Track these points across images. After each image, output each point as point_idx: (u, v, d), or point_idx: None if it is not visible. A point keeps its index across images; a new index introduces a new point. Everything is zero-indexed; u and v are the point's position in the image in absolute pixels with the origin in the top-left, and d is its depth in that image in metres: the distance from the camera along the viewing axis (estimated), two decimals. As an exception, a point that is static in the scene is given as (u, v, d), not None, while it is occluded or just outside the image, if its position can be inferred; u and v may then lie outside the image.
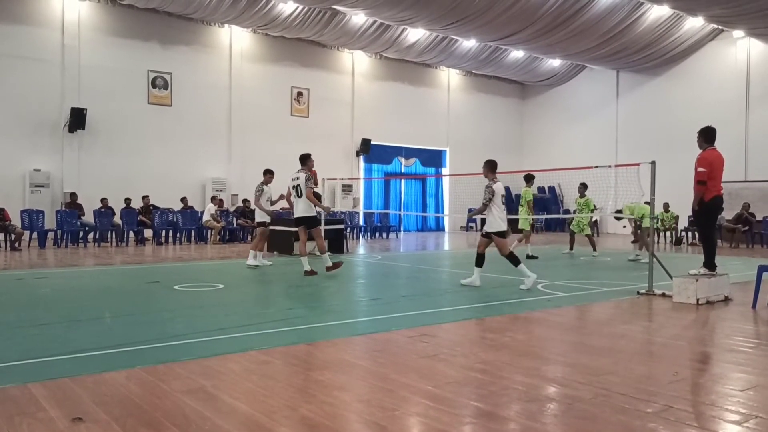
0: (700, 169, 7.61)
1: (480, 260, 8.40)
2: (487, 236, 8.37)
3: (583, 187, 13.92)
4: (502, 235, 8.34)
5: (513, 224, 14.49)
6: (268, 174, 11.47)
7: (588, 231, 14.16)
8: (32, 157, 17.04)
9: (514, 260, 8.22)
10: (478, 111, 27.32)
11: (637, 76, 24.19)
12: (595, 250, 13.84)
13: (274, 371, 4.17)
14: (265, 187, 11.25)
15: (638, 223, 12.64)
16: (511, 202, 27.46)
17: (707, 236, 8.00)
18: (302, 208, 9.52)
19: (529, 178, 13.56)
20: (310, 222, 9.62)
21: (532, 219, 13.98)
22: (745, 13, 17.79)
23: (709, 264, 7.80)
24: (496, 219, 8.26)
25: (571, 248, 14.26)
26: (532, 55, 23.94)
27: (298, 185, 9.37)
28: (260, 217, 11.37)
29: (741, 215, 17.86)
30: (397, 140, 24.69)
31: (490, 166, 8.57)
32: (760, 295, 6.94)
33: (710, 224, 7.99)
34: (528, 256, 12.75)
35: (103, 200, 16.72)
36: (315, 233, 9.73)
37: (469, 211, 14.40)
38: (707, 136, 7.79)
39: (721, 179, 7.75)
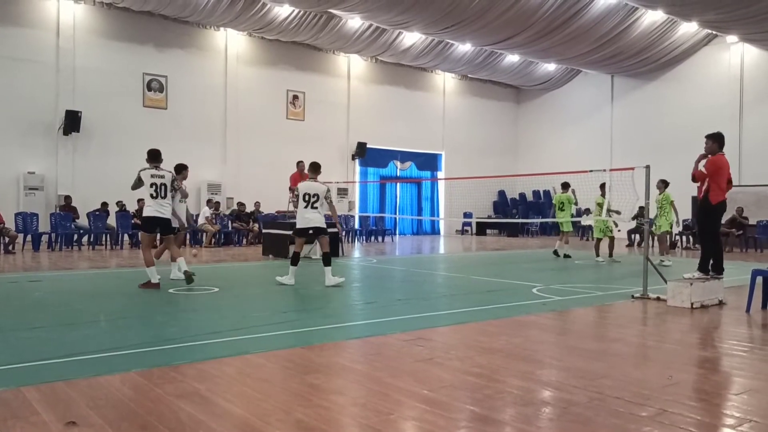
0: (702, 169, 7.79)
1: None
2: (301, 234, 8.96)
3: (602, 187, 13.15)
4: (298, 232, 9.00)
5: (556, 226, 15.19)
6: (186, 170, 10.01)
7: (610, 233, 13.57)
8: (26, 159, 16.98)
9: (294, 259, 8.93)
10: (474, 115, 27.39)
11: (632, 80, 24.29)
12: (598, 255, 13.46)
13: (269, 375, 4.16)
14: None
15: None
16: (506, 206, 27.60)
17: (713, 239, 8.05)
18: (166, 210, 8.57)
19: (566, 185, 14.24)
20: (166, 226, 8.62)
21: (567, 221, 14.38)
22: (738, 18, 17.90)
23: (704, 267, 7.84)
24: (300, 217, 8.94)
25: (600, 254, 13.51)
26: (527, 59, 24.02)
27: (164, 185, 8.39)
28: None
29: (735, 219, 17.92)
30: (393, 144, 24.71)
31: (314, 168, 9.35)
32: (753, 298, 6.96)
33: (716, 227, 8.06)
34: (564, 255, 13.87)
35: (104, 204, 16.69)
36: (168, 241, 8.88)
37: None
38: (721, 141, 7.91)
39: (726, 184, 7.87)
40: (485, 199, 26.64)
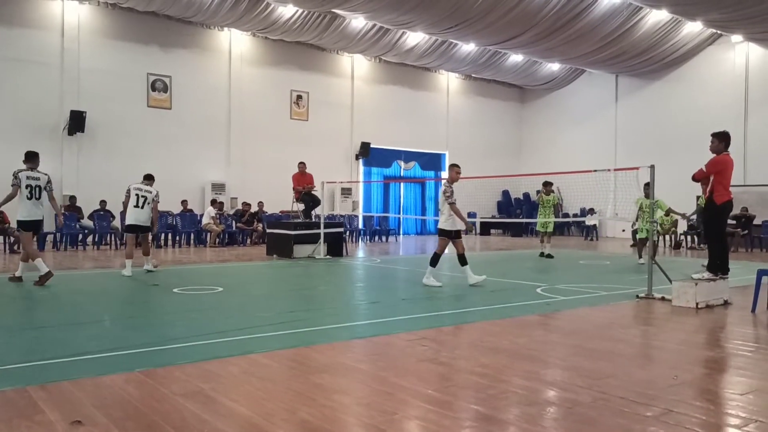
0: (702, 168, 7.76)
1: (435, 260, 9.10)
2: (449, 235, 8.97)
3: (647, 186, 12.66)
4: (446, 234, 9.01)
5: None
6: (153, 179, 10.93)
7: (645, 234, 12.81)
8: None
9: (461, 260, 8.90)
10: (478, 115, 27.35)
11: (636, 80, 24.23)
12: (641, 257, 13.01)
13: (274, 374, 4.16)
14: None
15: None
16: (510, 206, 27.56)
17: (718, 239, 8.02)
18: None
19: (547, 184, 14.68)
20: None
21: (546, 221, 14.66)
22: (743, 17, 17.83)
23: (713, 267, 7.82)
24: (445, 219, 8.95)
25: (640, 256, 13.12)
26: (531, 59, 23.98)
27: (39, 186, 9.03)
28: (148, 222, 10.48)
29: (743, 216, 17.87)
30: (397, 144, 24.70)
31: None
32: (759, 298, 6.94)
33: (721, 228, 8.03)
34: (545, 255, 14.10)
35: (102, 202, 16.68)
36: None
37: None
38: (726, 140, 7.83)
39: (730, 184, 7.83)
40: (489, 198, 26.58)
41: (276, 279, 10.29)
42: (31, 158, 9.16)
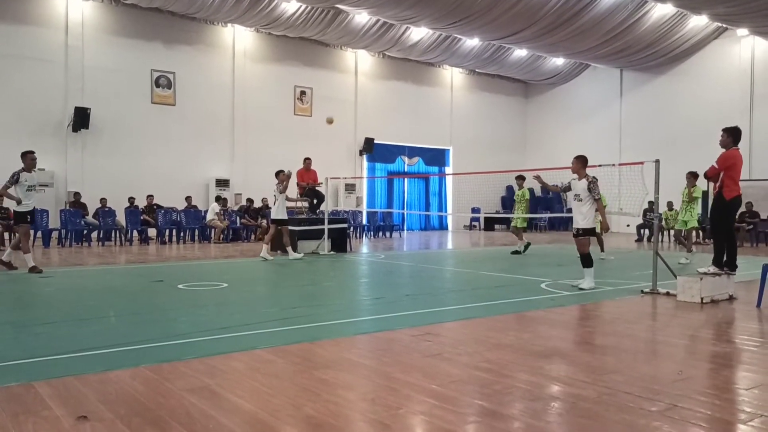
0: (714, 165, 7.71)
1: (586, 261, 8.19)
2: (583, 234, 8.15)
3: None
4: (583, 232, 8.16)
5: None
6: (278, 173, 12.37)
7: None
8: (36, 156, 17.02)
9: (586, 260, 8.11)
10: (482, 110, 27.31)
11: (641, 74, 24.14)
12: (602, 251, 13.30)
13: (279, 370, 4.17)
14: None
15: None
16: (514, 201, 27.50)
17: (726, 235, 7.98)
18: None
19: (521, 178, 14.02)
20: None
21: (525, 217, 14.40)
22: (749, 11, 17.74)
23: (718, 262, 7.79)
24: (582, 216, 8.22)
25: (602, 249, 13.38)
26: (535, 53, 23.91)
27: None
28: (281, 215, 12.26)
29: (747, 212, 17.81)
30: (401, 139, 24.69)
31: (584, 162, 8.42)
32: (764, 293, 6.92)
33: (730, 223, 8.00)
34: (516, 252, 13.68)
35: (102, 200, 16.69)
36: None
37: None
38: (736, 136, 7.77)
39: (739, 179, 7.81)
40: (493, 194, 26.57)
41: (280, 275, 10.31)
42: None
